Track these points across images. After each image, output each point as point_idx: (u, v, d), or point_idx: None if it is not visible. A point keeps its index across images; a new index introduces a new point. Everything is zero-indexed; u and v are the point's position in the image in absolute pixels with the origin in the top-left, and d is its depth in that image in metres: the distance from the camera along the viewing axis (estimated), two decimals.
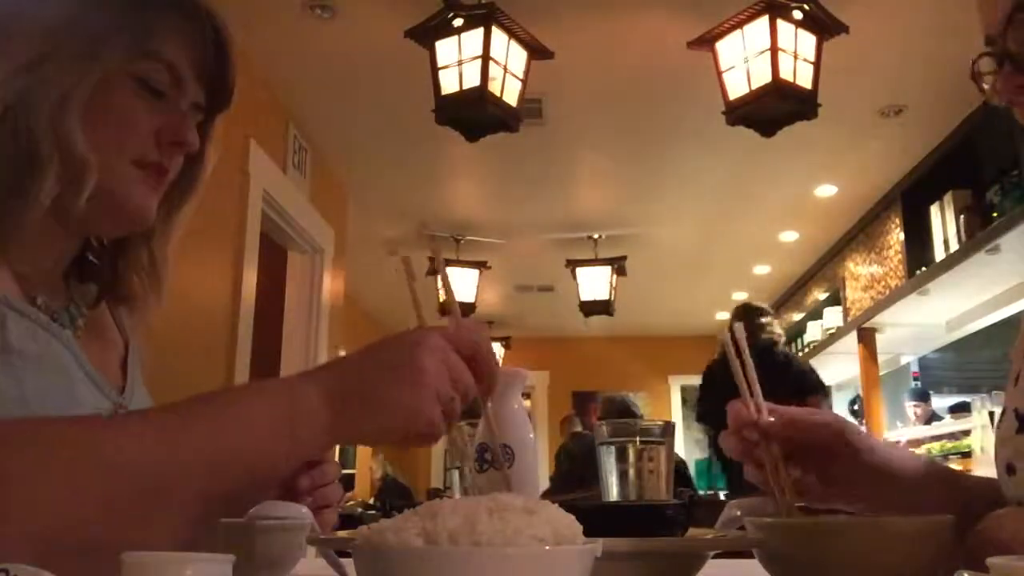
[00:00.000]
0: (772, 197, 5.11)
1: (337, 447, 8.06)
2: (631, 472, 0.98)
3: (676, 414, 9.04)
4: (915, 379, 5.69)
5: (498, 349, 8.37)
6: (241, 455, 0.65)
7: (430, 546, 0.46)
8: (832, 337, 5.55)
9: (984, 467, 1.97)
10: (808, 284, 6.76)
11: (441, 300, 4.17)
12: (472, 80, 2.86)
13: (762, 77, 2.82)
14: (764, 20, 2.81)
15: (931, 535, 0.67)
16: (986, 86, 0.84)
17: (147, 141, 0.85)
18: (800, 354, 6.19)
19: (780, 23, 2.80)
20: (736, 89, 2.91)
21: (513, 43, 2.93)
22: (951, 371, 6.01)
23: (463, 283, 5.77)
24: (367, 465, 8.34)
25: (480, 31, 2.85)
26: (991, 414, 3.72)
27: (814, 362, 5.66)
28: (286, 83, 3.70)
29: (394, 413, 0.68)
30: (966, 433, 3.94)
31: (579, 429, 7.13)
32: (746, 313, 4.74)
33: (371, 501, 7.18)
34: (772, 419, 0.81)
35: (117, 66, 0.83)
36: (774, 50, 2.79)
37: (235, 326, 3.28)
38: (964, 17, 1.40)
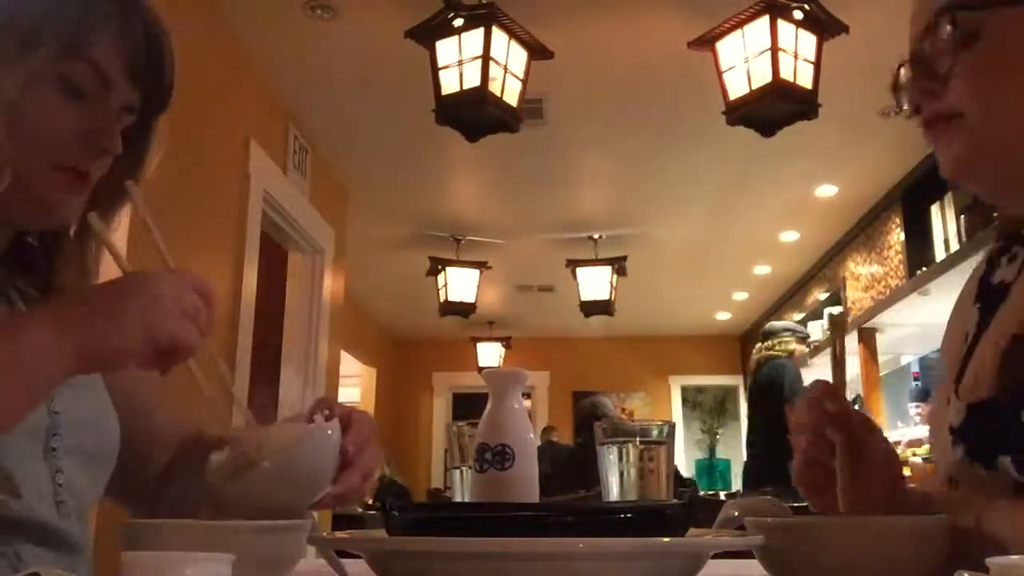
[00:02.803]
0: (772, 197, 5.11)
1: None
2: (631, 472, 0.98)
3: (676, 414, 9.04)
4: (915, 379, 5.68)
5: (498, 349, 8.37)
6: None
7: None
8: None
9: None
10: (808, 284, 6.76)
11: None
12: (472, 80, 2.86)
13: (762, 77, 2.82)
14: (764, 20, 2.81)
15: (931, 535, 0.68)
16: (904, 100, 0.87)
17: (67, 143, 0.83)
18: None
19: (780, 23, 2.80)
20: (736, 89, 2.91)
21: (513, 43, 2.93)
22: None
23: (463, 283, 5.77)
24: None
25: (480, 31, 2.85)
26: None
27: (814, 362, 5.67)
28: (286, 83, 3.70)
29: (132, 328, 0.71)
30: None
31: (554, 439, 7.15)
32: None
33: (370, 501, 7.18)
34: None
35: (44, 65, 0.81)
36: (774, 50, 2.78)
37: (235, 326, 3.28)
38: None
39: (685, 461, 9.20)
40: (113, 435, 0.94)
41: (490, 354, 8.30)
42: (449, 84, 2.91)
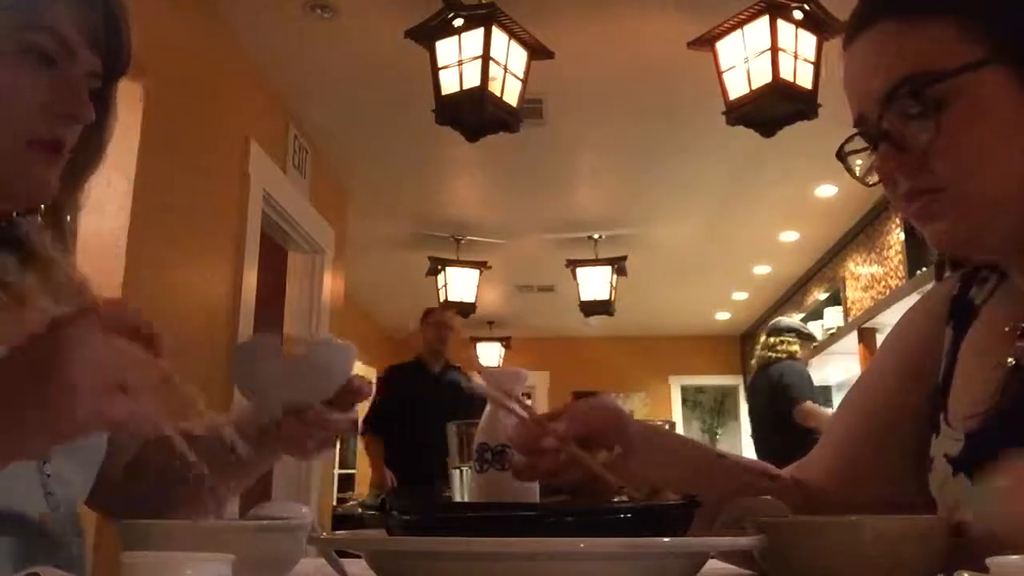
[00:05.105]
0: (772, 197, 5.11)
1: (338, 449, 7.91)
2: None
3: (676, 414, 9.05)
4: None
5: (498, 349, 8.37)
6: None
7: None
8: (832, 337, 5.55)
9: None
10: (808, 284, 6.76)
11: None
12: (472, 80, 2.86)
13: (762, 77, 2.82)
14: (764, 20, 2.81)
15: (930, 535, 0.68)
16: (858, 163, 0.86)
17: (37, 113, 0.83)
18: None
19: (780, 23, 2.80)
20: (736, 89, 2.91)
21: (513, 43, 2.93)
22: None
23: (463, 283, 5.77)
24: (368, 464, 8.30)
25: (480, 31, 2.85)
26: None
27: (815, 362, 5.67)
28: (286, 83, 3.70)
29: (37, 433, 0.62)
30: None
31: None
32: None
33: (381, 498, 7.10)
34: (559, 424, 0.82)
35: (4, 37, 0.81)
36: (774, 50, 2.78)
37: (235, 326, 3.28)
38: None
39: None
40: (98, 434, 0.93)
41: (490, 354, 8.30)
42: (449, 84, 2.91)
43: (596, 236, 5.70)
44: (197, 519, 0.77)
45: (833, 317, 5.80)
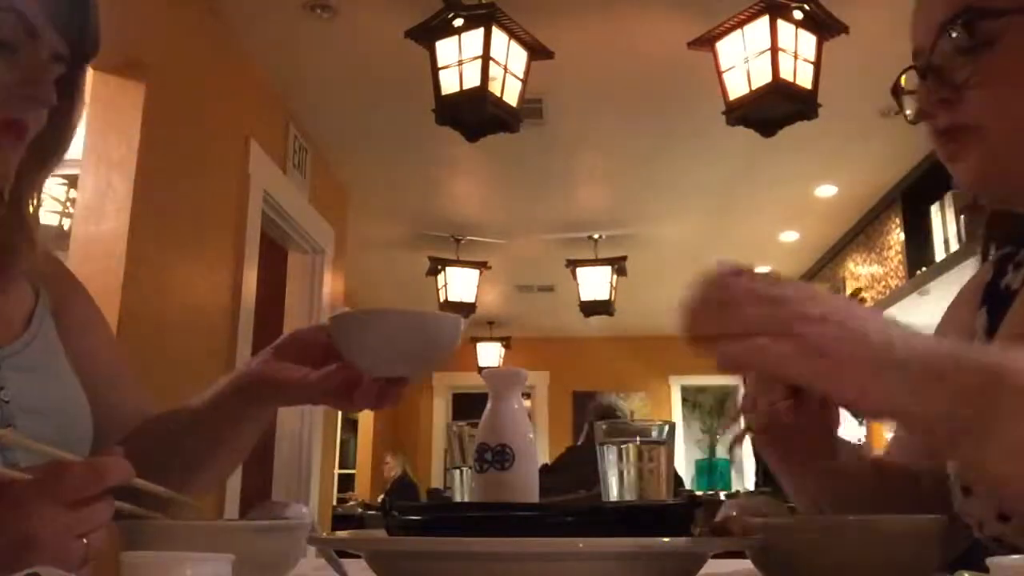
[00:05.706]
0: (772, 197, 5.11)
1: (338, 445, 7.92)
2: (631, 472, 0.99)
3: (676, 414, 9.04)
4: None
5: (498, 349, 8.37)
6: None
7: None
8: None
9: None
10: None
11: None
12: (472, 80, 2.86)
13: (762, 77, 2.82)
14: (764, 20, 2.81)
15: (928, 535, 0.68)
16: (908, 112, 0.88)
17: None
18: None
19: (780, 23, 2.80)
20: (736, 89, 2.91)
21: (513, 43, 2.93)
22: None
23: (463, 283, 5.77)
24: (368, 464, 8.32)
25: (480, 31, 2.85)
26: None
27: None
28: (286, 83, 3.70)
29: None
30: None
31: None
32: None
33: (381, 498, 7.14)
34: None
35: None
36: (774, 50, 2.78)
37: (235, 326, 3.28)
38: None
39: (685, 461, 9.21)
40: (80, 423, 0.91)
41: (490, 354, 8.30)
42: (449, 84, 2.91)
43: (596, 236, 5.70)
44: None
45: None
